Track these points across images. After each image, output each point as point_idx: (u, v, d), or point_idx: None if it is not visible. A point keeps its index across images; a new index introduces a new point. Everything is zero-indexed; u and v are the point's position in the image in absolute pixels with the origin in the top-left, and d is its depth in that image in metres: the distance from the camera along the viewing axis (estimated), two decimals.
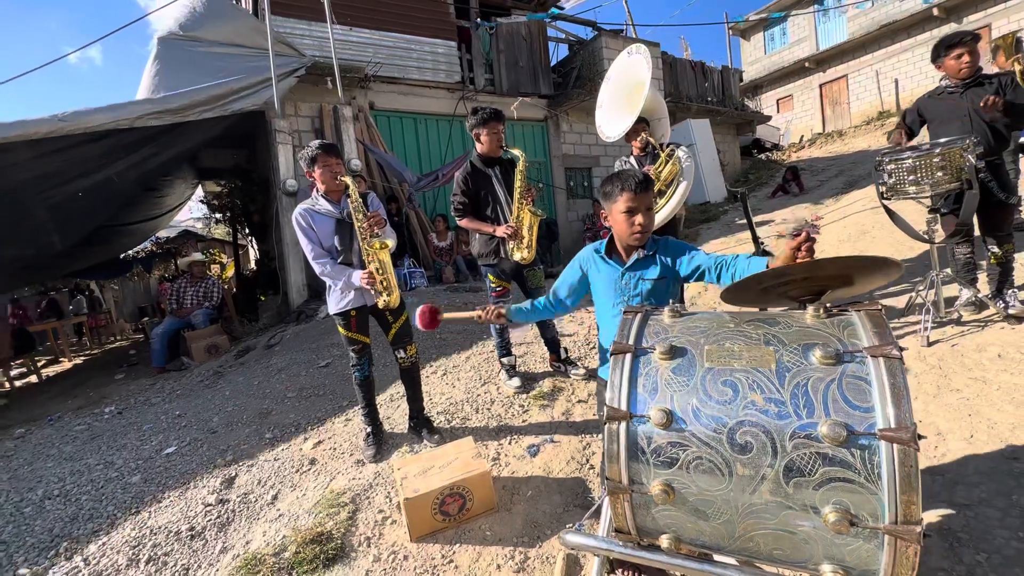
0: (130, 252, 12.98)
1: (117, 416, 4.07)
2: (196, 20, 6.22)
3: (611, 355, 1.19)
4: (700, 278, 1.58)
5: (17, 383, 7.66)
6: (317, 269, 2.49)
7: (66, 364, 8.84)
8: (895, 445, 0.87)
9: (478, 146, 3.01)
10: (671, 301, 1.44)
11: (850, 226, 5.49)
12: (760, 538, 1.01)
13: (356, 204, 2.42)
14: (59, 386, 6.72)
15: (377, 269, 2.42)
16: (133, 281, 14.64)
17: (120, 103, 4.98)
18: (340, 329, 2.60)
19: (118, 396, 4.81)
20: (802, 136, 18.08)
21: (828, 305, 1.12)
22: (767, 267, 1.30)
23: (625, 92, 3.82)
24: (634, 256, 1.63)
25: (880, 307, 1.07)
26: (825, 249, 5.04)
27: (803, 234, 1.24)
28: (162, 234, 13.42)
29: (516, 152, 2.91)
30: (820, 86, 18.34)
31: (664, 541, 1.11)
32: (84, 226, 7.12)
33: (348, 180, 2.42)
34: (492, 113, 2.92)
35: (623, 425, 1.10)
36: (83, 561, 2.14)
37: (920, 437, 0.87)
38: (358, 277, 2.43)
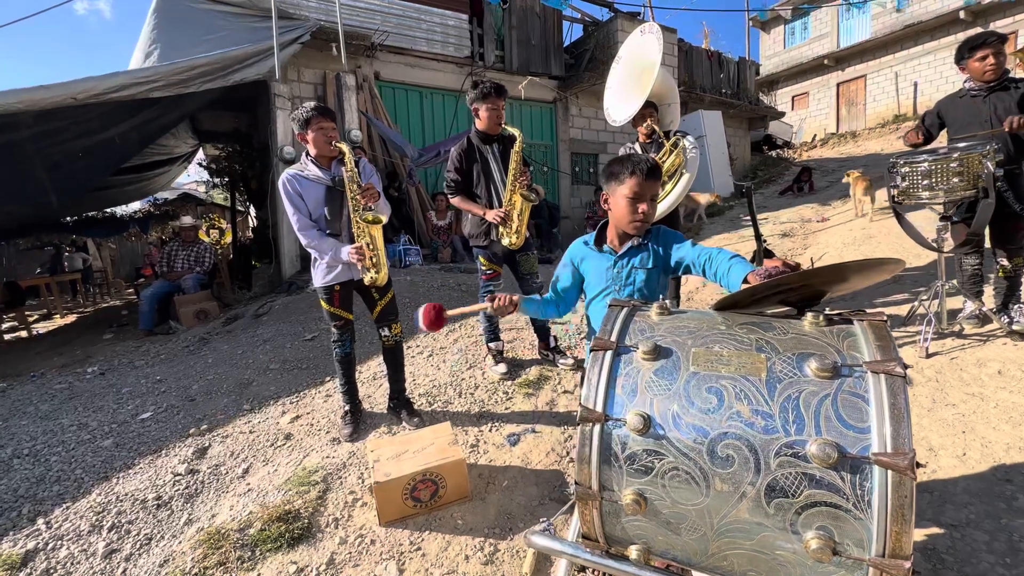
0: (127, 211, 12.85)
1: (99, 377, 4.02)
2: None
3: (591, 351, 1.10)
4: (686, 271, 1.50)
5: (7, 337, 7.62)
6: (303, 240, 2.40)
7: (58, 321, 8.79)
8: (889, 472, 0.79)
9: (477, 122, 2.88)
10: (661, 296, 1.36)
11: (855, 230, 5.37)
12: (735, 558, 0.94)
13: (351, 173, 2.31)
14: (48, 342, 6.67)
15: (368, 244, 2.32)
16: (131, 241, 14.53)
17: (123, 71, 4.82)
18: (323, 304, 2.52)
19: (103, 356, 4.76)
20: (815, 135, 17.79)
21: (829, 312, 1.04)
22: (748, 275, 1.23)
23: (635, 74, 3.67)
24: (628, 244, 1.54)
25: (885, 318, 0.98)
26: (828, 252, 4.94)
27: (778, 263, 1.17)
28: (161, 195, 13.27)
29: (514, 131, 2.79)
30: (838, 85, 17.99)
31: (633, 552, 1.04)
32: (82, 185, 6.98)
33: (344, 147, 2.31)
34: (493, 88, 2.79)
35: (597, 428, 1.02)
36: (45, 524, 2.09)
37: (919, 465, 0.79)
38: (347, 252, 2.33)
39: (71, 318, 8.95)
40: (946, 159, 2.50)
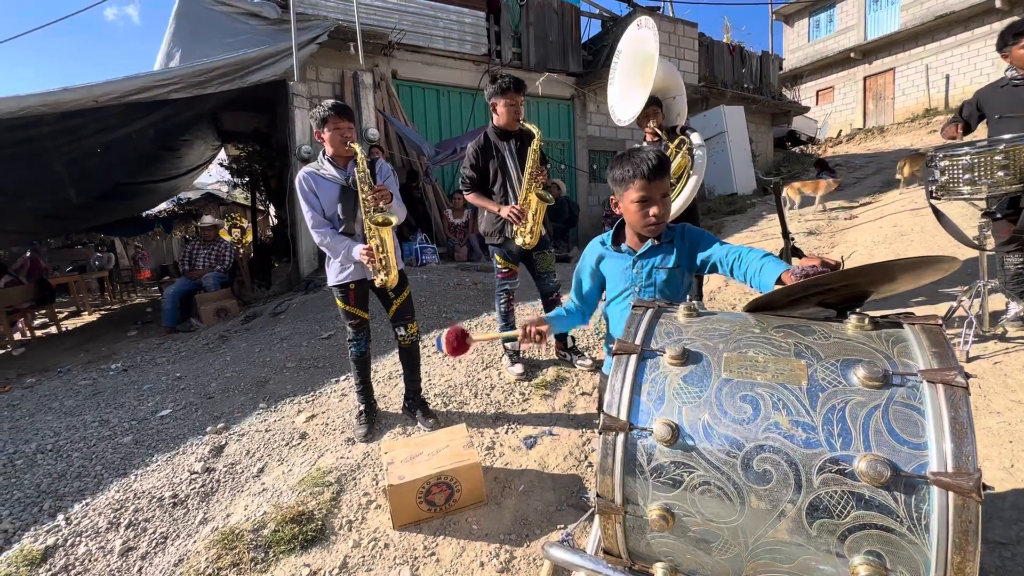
0: (152, 211, 13.14)
1: (122, 373, 4.08)
2: None
3: (614, 354, 1.04)
4: (712, 270, 1.41)
5: (38, 333, 7.84)
6: (316, 238, 2.38)
7: (86, 317, 9.01)
8: (951, 493, 0.71)
9: (494, 117, 2.83)
10: (688, 296, 1.28)
11: (886, 227, 5.17)
12: None
13: (363, 175, 2.28)
14: (76, 339, 6.83)
15: (377, 247, 2.29)
16: (156, 240, 14.87)
17: (143, 74, 4.89)
18: (338, 302, 2.50)
19: (126, 353, 4.84)
20: (840, 131, 17.30)
21: (874, 315, 0.95)
22: (782, 275, 1.14)
23: (635, 69, 3.52)
24: (647, 244, 1.47)
25: (939, 321, 0.89)
26: (858, 251, 4.76)
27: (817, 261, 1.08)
28: (184, 195, 13.54)
29: (532, 128, 2.72)
30: (864, 79, 17.44)
31: (659, 570, 0.98)
32: (102, 182, 7.14)
33: (357, 148, 2.28)
34: (511, 83, 2.73)
35: (621, 437, 0.95)
36: (64, 520, 2.11)
37: (985, 488, 0.71)
38: (358, 251, 2.30)
39: (98, 315, 9.17)
40: (990, 151, 2.35)
